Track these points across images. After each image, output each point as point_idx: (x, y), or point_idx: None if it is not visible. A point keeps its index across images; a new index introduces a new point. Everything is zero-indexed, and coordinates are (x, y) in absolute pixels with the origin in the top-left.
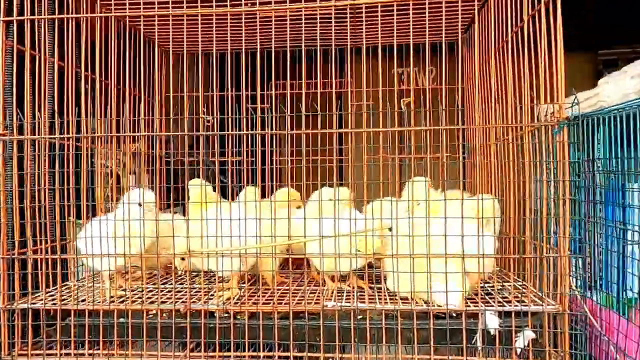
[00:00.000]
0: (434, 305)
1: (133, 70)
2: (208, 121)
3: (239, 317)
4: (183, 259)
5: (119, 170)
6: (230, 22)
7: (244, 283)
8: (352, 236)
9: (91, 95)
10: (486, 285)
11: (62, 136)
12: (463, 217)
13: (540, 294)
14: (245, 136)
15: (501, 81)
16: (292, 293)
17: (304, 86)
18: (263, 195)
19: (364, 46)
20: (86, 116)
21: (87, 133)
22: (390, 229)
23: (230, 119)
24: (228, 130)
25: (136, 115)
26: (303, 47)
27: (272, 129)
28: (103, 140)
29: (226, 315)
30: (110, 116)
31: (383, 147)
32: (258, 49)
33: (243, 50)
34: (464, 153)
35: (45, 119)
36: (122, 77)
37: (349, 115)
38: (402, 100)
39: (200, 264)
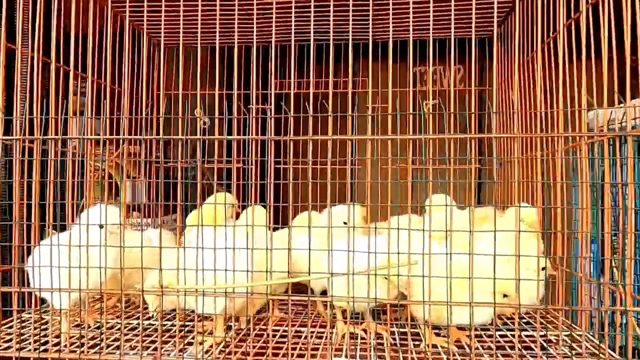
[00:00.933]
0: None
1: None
2: (204, 123)
3: None
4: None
5: (116, 177)
6: (223, 12)
7: (231, 322)
8: (371, 273)
9: (64, 92)
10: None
11: (23, 137)
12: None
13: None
14: (240, 142)
15: (549, 83)
16: (292, 340)
17: (312, 85)
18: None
19: (369, 41)
20: (56, 114)
21: (57, 134)
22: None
23: (223, 120)
24: (229, 134)
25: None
26: (312, 40)
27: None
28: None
29: None
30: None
31: (399, 158)
32: (254, 43)
33: (254, 43)
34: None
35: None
36: (111, 72)
37: (366, 118)
38: (424, 102)
39: (178, 301)
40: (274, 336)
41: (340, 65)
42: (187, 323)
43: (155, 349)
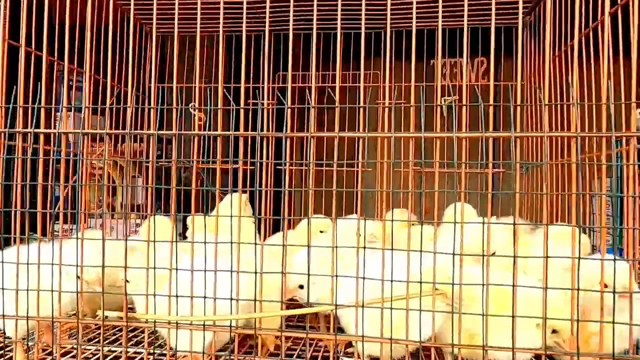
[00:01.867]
0: None
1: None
2: (200, 119)
3: None
4: None
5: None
6: None
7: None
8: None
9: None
10: None
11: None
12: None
13: None
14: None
15: (586, 78)
16: None
17: (338, 78)
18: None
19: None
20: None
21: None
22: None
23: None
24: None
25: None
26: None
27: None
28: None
29: None
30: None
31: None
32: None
33: (266, 30)
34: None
35: None
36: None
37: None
38: (442, 98)
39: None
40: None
41: (350, 57)
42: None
43: None
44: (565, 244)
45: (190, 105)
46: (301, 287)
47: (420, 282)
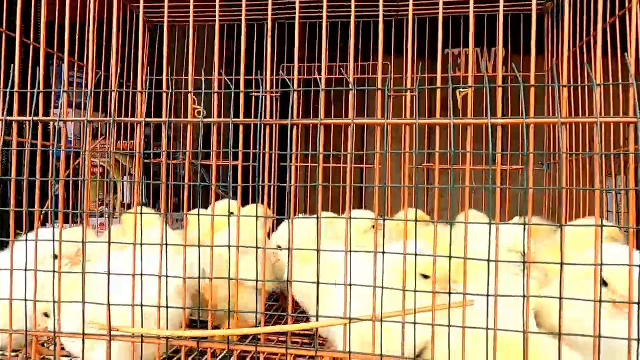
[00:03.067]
0: None
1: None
2: (199, 113)
3: None
4: None
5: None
6: None
7: None
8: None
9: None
10: None
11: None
12: None
13: None
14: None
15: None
16: None
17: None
18: None
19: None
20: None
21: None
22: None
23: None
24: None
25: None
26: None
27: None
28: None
29: None
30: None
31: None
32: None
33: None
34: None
35: None
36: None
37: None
38: (457, 91)
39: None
40: None
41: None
42: None
43: None
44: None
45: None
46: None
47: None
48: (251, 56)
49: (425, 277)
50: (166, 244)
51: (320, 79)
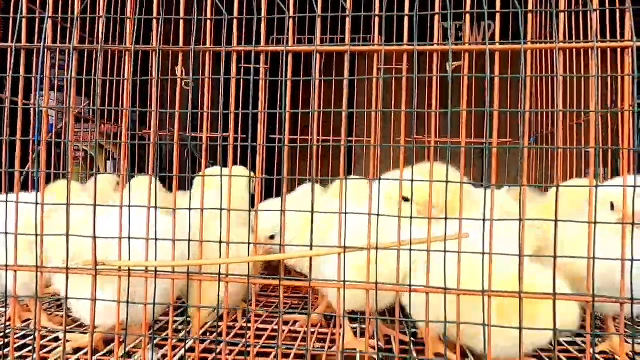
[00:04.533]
0: None
1: None
2: (187, 84)
3: None
4: None
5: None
6: None
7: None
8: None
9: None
10: None
11: None
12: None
13: None
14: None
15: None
16: (283, 341)
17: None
18: None
19: None
20: None
21: None
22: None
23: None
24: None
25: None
26: None
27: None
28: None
29: None
30: None
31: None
32: None
33: None
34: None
35: None
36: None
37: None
38: (447, 63)
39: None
40: (258, 337)
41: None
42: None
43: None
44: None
45: (176, 69)
46: (272, 237)
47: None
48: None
49: (405, 199)
50: (155, 206)
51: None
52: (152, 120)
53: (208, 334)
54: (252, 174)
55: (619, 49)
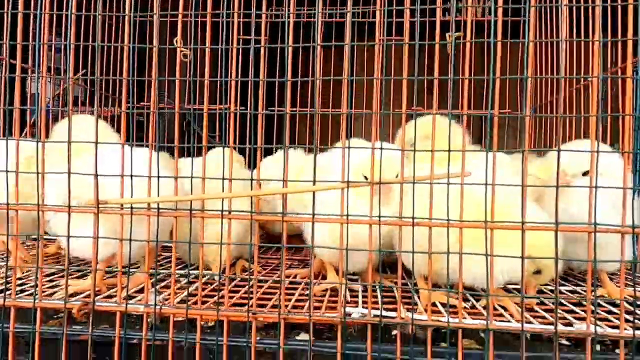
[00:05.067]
0: None
1: None
2: (185, 56)
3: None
4: None
5: None
6: None
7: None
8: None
9: None
10: None
11: None
12: None
13: None
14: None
15: None
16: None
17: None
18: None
19: None
20: None
21: None
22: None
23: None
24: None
25: None
26: None
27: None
28: None
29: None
30: None
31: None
32: None
33: None
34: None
35: None
36: None
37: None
38: (447, 34)
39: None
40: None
41: None
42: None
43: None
44: None
45: (174, 40)
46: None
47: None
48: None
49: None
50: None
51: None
52: (152, 89)
53: (209, 285)
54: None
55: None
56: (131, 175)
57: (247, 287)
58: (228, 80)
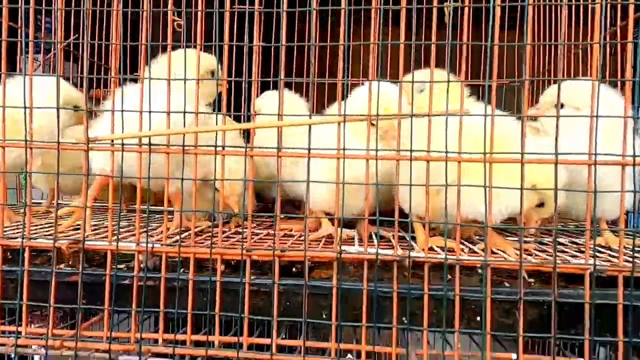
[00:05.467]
0: None
1: None
2: (179, 26)
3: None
4: None
5: None
6: None
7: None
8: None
9: None
10: None
11: None
12: None
13: None
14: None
15: None
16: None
17: None
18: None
19: None
20: None
21: None
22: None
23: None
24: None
25: None
26: None
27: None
28: None
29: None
30: None
31: None
32: None
33: None
34: None
35: None
36: None
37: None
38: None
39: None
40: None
41: None
42: None
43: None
44: None
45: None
46: None
47: None
48: None
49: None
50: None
51: None
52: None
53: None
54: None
55: None
56: (122, 111)
57: (242, 228)
58: (222, 45)
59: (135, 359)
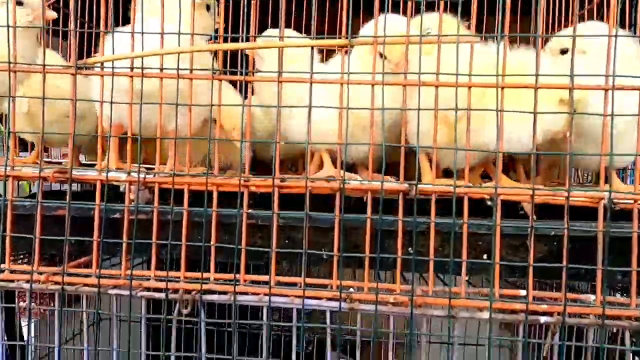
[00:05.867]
0: None
1: None
2: None
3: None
4: None
5: None
6: None
7: None
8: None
9: None
10: None
11: None
12: None
13: None
14: None
15: None
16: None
17: None
18: None
19: None
20: None
21: None
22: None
23: None
24: None
25: None
26: None
27: None
28: None
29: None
30: None
31: None
32: None
33: None
34: None
35: None
36: None
37: None
38: None
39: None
40: None
41: None
42: None
43: None
44: None
45: None
46: None
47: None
48: None
49: None
50: None
51: None
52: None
53: None
54: None
55: None
56: (112, 32)
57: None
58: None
59: (126, 293)
